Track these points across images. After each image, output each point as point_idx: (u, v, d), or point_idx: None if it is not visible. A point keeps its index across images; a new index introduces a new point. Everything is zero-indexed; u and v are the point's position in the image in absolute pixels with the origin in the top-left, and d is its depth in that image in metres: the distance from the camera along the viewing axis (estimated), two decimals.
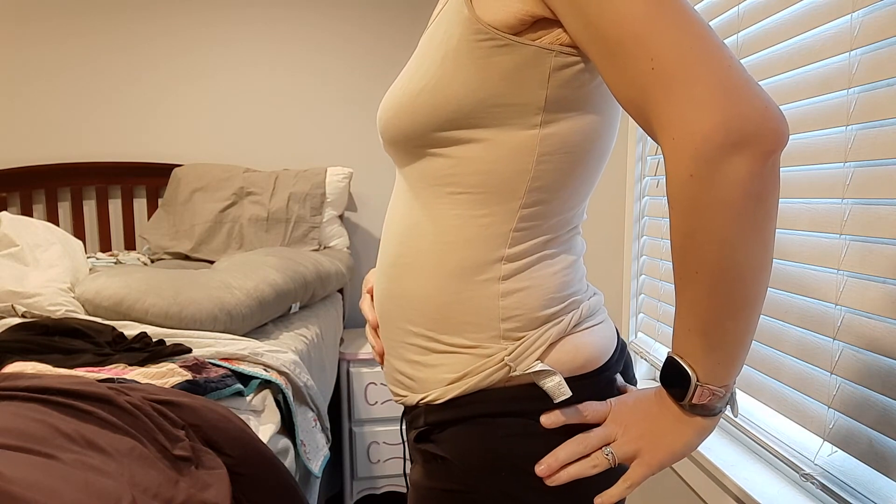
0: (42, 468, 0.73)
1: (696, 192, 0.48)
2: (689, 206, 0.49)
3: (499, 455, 0.61)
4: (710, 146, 0.47)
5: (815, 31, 0.90)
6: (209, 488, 0.90)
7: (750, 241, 0.49)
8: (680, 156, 0.48)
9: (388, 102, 0.65)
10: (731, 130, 0.47)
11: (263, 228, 2.33)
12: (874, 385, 0.80)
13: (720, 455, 1.08)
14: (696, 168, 0.48)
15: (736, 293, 0.51)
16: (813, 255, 0.91)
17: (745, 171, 0.47)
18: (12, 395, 0.91)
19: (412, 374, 0.67)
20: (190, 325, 1.48)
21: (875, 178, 0.80)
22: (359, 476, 2.24)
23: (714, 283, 0.51)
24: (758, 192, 0.48)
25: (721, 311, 0.52)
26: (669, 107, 0.48)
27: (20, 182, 2.36)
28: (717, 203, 0.48)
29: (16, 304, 1.45)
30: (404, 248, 0.67)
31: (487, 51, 0.56)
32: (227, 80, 2.53)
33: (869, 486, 0.83)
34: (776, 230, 0.59)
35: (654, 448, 0.60)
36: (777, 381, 1.00)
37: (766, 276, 0.52)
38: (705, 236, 0.49)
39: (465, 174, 0.61)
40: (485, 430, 0.61)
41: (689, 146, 0.47)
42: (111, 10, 2.44)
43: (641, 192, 1.54)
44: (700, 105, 0.47)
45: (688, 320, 0.54)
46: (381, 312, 0.72)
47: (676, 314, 0.56)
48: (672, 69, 0.48)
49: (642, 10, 0.49)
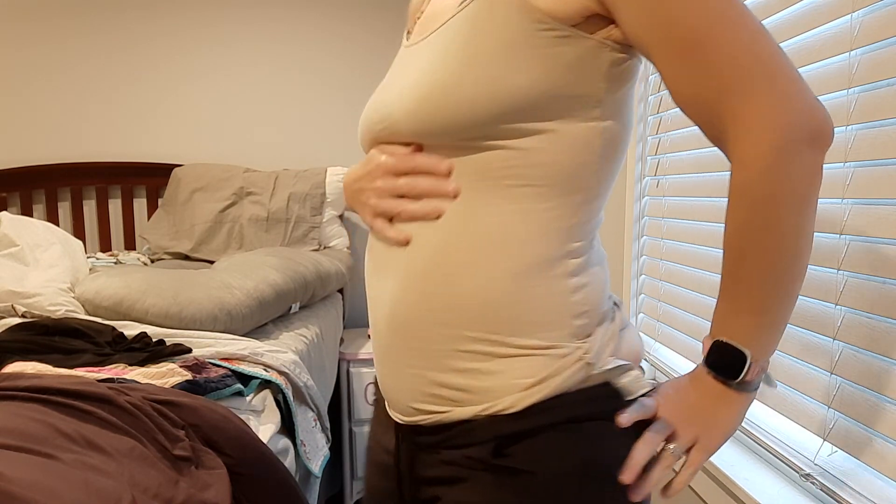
0: (42, 468, 0.73)
1: (774, 183, 0.52)
2: (764, 197, 0.52)
3: (590, 462, 0.58)
4: (790, 139, 0.51)
5: (815, 31, 0.90)
6: (209, 488, 0.90)
7: (809, 227, 0.54)
8: (759, 148, 0.51)
9: (424, 91, 0.60)
10: (806, 126, 0.51)
11: (263, 228, 2.33)
12: (874, 385, 0.80)
13: (720, 455, 1.08)
14: (775, 159, 0.51)
15: (792, 274, 0.55)
16: (813, 255, 0.91)
17: (816, 164, 0.52)
18: (12, 395, 0.91)
19: (466, 385, 0.61)
20: (190, 325, 1.48)
21: (875, 178, 0.80)
22: (359, 476, 2.24)
23: (776, 267, 0.54)
24: (819, 183, 0.54)
25: (779, 292, 0.55)
26: (750, 102, 0.51)
27: (20, 182, 2.36)
28: (792, 193, 0.52)
29: (16, 304, 1.45)
30: (450, 248, 0.61)
31: (550, 41, 0.56)
32: (227, 80, 2.53)
33: (869, 486, 0.83)
34: None
35: (709, 432, 0.61)
36: (777, 380, 1.00)
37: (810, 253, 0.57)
38: (777, 225, 0.53)
39: (527, 166, 0.59)
40: (571, 435, 0.59)
41: (771, 138, 0.51)
42: (111, 10, 2.44)
43: (641, 192, 1.54)
44: (781, 100, 0.51)
45: (741, 303, 0.56)
46: (407, 322, 0.63)
47: (726, 299, 0.58)
48: (751, 66, 0.51)
49: (717, 11, 0.52)
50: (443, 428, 0.63)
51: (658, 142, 1.45)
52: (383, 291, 0.66)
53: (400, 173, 0.64)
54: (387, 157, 0.65)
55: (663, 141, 1.42)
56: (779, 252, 0.54)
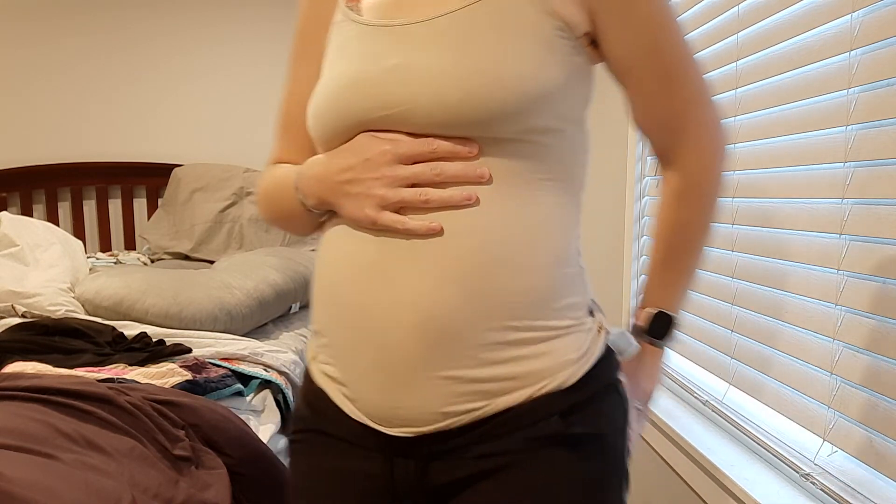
0: (42, 468, 0.73)
1: (718, 186, 0.68)
2: (712, 199, 0.69)
3: (626, 414, 0.68)
4: (725, 152, 0.68)
5: (815, 31, 0.90)
6: (209, 488, 0.90)
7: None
8: (712, 160, 0.67)
9: (464, 81, 0.58)
10: (727, 134, 0.69)
11: (263, 228, 2.33)
12: (874, 385, 0.80)
13: (720, 455, 1.08)
14: (720, 168, 0.68)
15: (704, 253, 0.72)
16: (813, 255, 0.91)
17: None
18: (12, 395, 0.91)
19: (510, 373, 0.60)
20: (190, 325, 1.48)
21: (875, 178, 0.80)
22: None
23: (701, 253, 0.71)
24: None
25: (696, 269, 0.72)
26: (708, 110, 0.66)
27: (20, 182, 2.36)
28: (719, 194, 0.69)
29: (16, 304, 1.45)
30: (491, 245, 0.59)
31: (568, 48, 0.62)
32: (228, 80, 2.53)
33: (869, 486, 0.83)
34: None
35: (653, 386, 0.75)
36: (777, 381, 1.00)
37: None
38: (712, 219, 0.70)
39: (552, 161, 0.63)
40: (617, 394, 0.67)
41: (719, 152, 0.67)
42: (111, 10, 2.44)
43: (641, 192, 1.54)
44: (719, 120, 0.68)
45: (676, 278, 0.71)
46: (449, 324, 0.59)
47: (661, 276, 0.72)
48: (703, 92, 0.66)
49: (683, 42, 0.65)
50: (478, 424, 0.60)
51: None
52: (398, 298, 0.60)
53: (412, 160, 0.60)
54: (393, 144, 0.60)
55: None
56: (705, 241, 0.70)
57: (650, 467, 1.40)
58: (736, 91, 1.10)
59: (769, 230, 1.02)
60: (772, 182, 1.01)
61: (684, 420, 1.23)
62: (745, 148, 1.09)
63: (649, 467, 1.40)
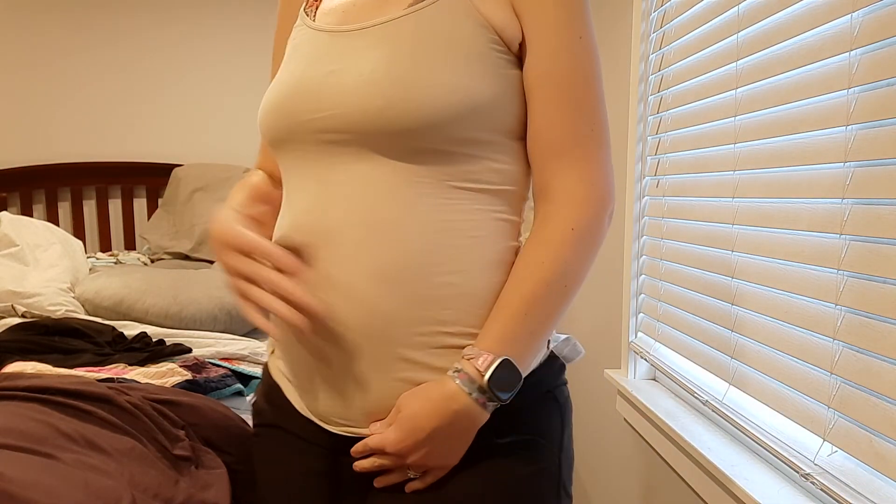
0: (42, 468, 0.73)
1: (595, 227, 0.64)
2: (589, 245, 0.64)
3: (564, 419, 0.68)
4: (609, 202, 0.65)
5: (815, 31, 0.90)
6: (209, 488, 0.90)
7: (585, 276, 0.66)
8: (596, 198, 0.64)
9: (396, 89, 0.59)
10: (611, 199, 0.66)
11: None
12: (874, 385, 0.80)
13: (720, 455, 1.08)
14: (602, 212, 0.64)
15: (566, 312, 0.65)
16: (813, 255, 0.91)
17: (604, 235, 0.66)
18: (12, 395, 0.91)
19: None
20: (190, 324, 1.48)
21: (875, 178, 0.80)
22: None
23: (568, 299, 0.64)
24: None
25: (556, 323, 0.65)
26: (595, 165, 0.64)
27: (20, 182, 2.36)
28: (600, 242, 0.65)
29: (16, 304, 1.45)
30: (423, 249, 0.61)
31: (503, 62, 0.62)
32: (228, 79, 2.53)
33: (869, 486, 0.83)
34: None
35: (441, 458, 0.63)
36: (777, 381, 1.00)
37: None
38: (585, 268, 0.64)
39: (483, 171, 0.63)
40: (555, 402, 0.68)
41: (603, 196, 0.64)
42: (112, 10, 2.44)
43: (641, 191, 1.54)
44: (611, 173, 0.66)
45: (534, 325, 0.62)
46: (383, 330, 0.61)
47: (516, 316, 0.62)
48: (602, 136, 0.64)
49: (598, 83, 0.64)
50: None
51: (658, 142, 1.45)
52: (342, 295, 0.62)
53: (247, 253, 0.60)
54: (232, 232, 0.61)
55: (663, 141, 1.42)
56: (577, 287, 0.64)
57: (650, 467, 1.40)
58: (736, 91, 1.10)
59: (769, 230, 1.02)
60: (772, 182, 1.01)
61: (684, 420, 1.23)
62: (745, 148, 1.08)
63: (649, 467, 1.40)
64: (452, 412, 0.59)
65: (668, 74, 1.38)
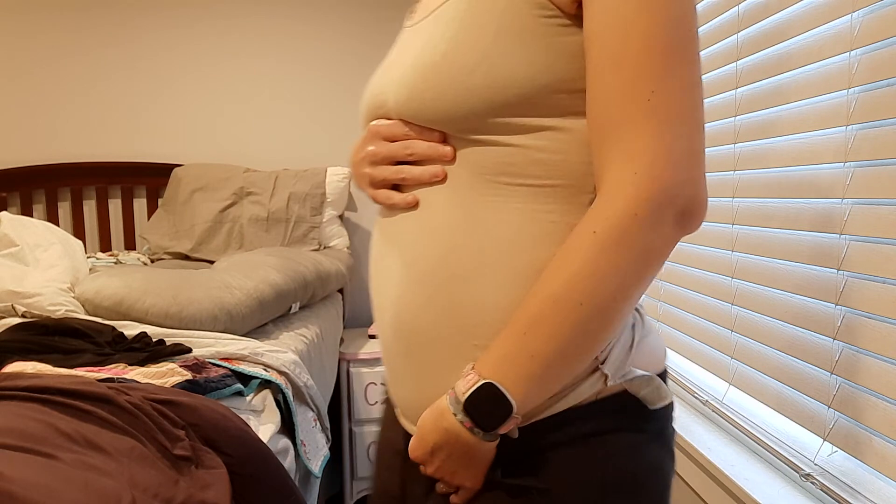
0: (42, 468, 0.73)
1: (629, 230, 0.48)
2: (619, 254, 0.48)
3: (606, 477, 0.54)
4: (665, 197, 0.48)
5: (815, 31, 0.90)
6: (209, 488, 0.90)
7: (636, 299, 0.51)
8: (633, 192, 0.48)
9: (416, 81, 0.56)
10: (686, 197, 0.48)
11: (263, 228, 2.33)
12: (874, 385, 0.80)
13: (720, 455, 1.08)
14: (642, 210, 0.48)
15: (598, 337, 0.51)
16: (813, 255, 0.91)
17: (671, 238, 0.49)
18: (12, 395, 0.91)
19: None
20: (190, 325, 1.47)
21: (875, 178, 0.80)
22: (359, 476, 2.24)
23: (591, 321, 0.50)
24: (663, 259, 0.50)
25: (579, 349, 0.51)
26: (644, 146, 0.48)
27: (20, 182, 2.36)
28: (643, 251, 0.48)
29: (16, 304, 1.45)
30: (448, 251, 0.57)
31: (553, 29, 0.52)
32: (228, 80, 2.53)
33: (869, 486, 0.83)
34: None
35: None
36: (777, 381, 1.00)
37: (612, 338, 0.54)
38: (614, 283, 0.49)
39: (527, 164, 0.54)
40: (588, 450, 0.55)
41: (648, 188, 0.47)
42: (112, 10, 2.43)
43: None
44: (679, 157, 0.48)
45: (536, 346, 0.50)
46: (413, 330, 0.59)
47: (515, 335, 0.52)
48: (664, 108, 0.48)
49: (668, 40, 0.48)
50: None
51: None
52: (385, 292, 0.62)
53: (392, 138, 0.61)
54: (377, 126, 0.63)
55: None
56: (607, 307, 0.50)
57: None
58: (736, 91, 1.10)
59: (769, 230, 1.02)
60: (772, 182, 1.01)
61: (684, 420, 1.23)
62: (745, 148, 1.08)
63: None
64: (443, 430, 0.54)
65: None
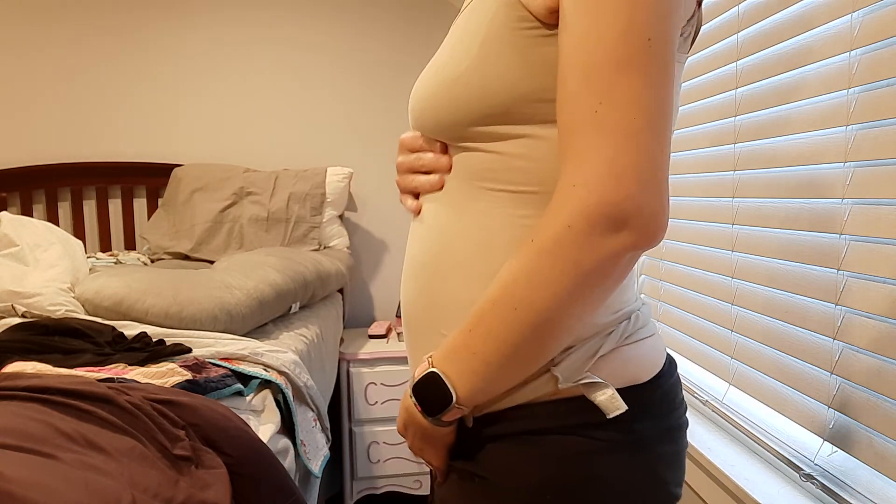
0: (42, 468, 0.73)
1: (563, 242, 0.48)
2: (554, 267, 0.49)
3: (546, 477, 0.56)
4: (599, 211, 0.47)
5: (815, 31, 0.90)
6: (209, 488, 0.90)
7: (576, 312, 0.51)
8: (571, 204, 0.48)
9: (421, 91, 0.61)
10: (625, 212, 0.46)
11: (263, 228, 2.33)
12: (874, 385, 0.80)
13: (720, 455, 1.08)
14: (575, 223, 0.47)
15: (539, 343, 0.52)
16: (813, 254, 0.91)
17: (609, 253, 0.48)
18: (12, 395, 0.91)
19: None
20: (190, 325, 1.47)
21: (875, 178, 0.80)
22: (359, 476, 2.24)
23: (525, 326, 0.51)
24: (605, 274, 0.49)
25: (517, 352, 0.52)
26: (589, 158, 0.47)
27: (20, 182, 2.36)
28: (574, 263, 0.48)
29: (16, 304, 1.45)
30: (438, 249, 0.62)
31: (533, 40, 0.53)
32: (227, 80, 2.53)
33: (869, 486, 0.83)
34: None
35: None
36: (777, 381, 1.00)
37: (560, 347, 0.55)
38: (547, 296, 0.50)
39: (505, 170, 0.57)
40: (530, 448, 0.57)
41: (585, 200, 0.47)
42: (111, 10, 2.43)
43: None
44: (620, 171, 0.46)
45: (476, 344, 0.54)
46: (409, 317, 0.66)
47: (463, 332, 0.55)
48: (613, 117, 0.47)
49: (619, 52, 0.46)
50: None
51: None
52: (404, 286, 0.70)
53: (413, 149, 0.67)
54: (405, 134, 0.68)
55: None
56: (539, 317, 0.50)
57: None
58: (736, 91, 1.10)
59: (769, 230, 1.02)
60: (772, 182, 1.01)
61: None
62: (745, 148, 1.08)
63: None
64: (405, 409, 0.61)
65: None
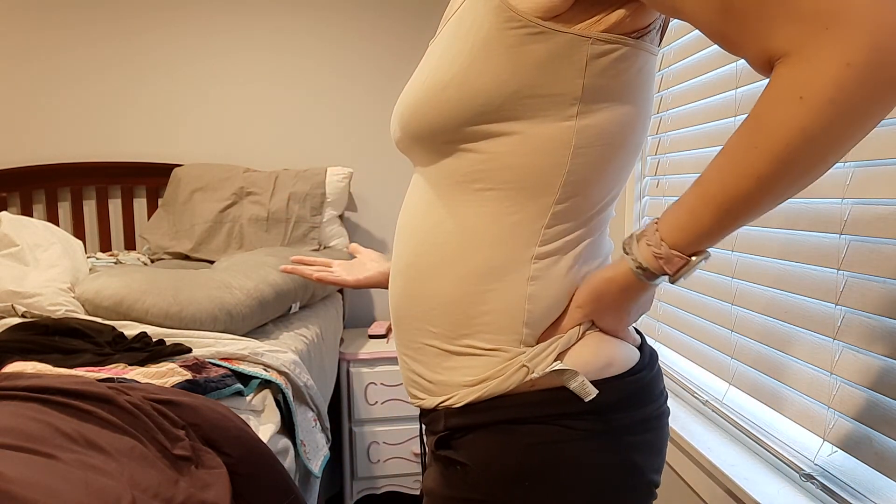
0: (42, 468, 0.73)
1: (856, 85, 0.40)
2: (831, 98, 0.41)
3: (523, 464, 0.58)
4: (883, 42, 0.39)
5: None
6: (209, 488, 0.90)
7: (833, 159, 0.45)
8: (855, 42, 0.39)
9: (409, 97, 0.62)
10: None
11: (263, 228, 2.33)
12: (874, 385, 0.80)
13: (720, 455, 1.08)
14: (853, 59, 0.39)
15: (779, 189, 0.46)
16: (813, 255, 0.91)
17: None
18: (12, 394, 0.91)
19: (431, 377, 0.65)
20: (190, 324, 1.47)
21: (875, 178, 0.80)
22: (359, 476, 2.24)
23: (774, 168, 0.44)
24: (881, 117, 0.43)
25: (754, 194, 0.46)
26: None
27: (20, 182, 2.36)
28: (869, 105, 0.41)
29: (16, 304, 1.45)
30: (425, 248, 0.64)
31: (520, 39, 0.54)
32: (228, 80, 2.53)
33: (869, 486, 0.83)
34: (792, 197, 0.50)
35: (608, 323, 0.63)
36: (777, 381, 1.00)
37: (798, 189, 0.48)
38: (824, 134, 0.42)
39: (495, 170, 0.58)
40: (508, 436, 0.59)
41: (869, 35, 0.39)
42: (111, 10, 2.43)
43: (641, 191, 1.55)
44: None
45: (715, 188, 0.48)
46: (397, 313, 0.69)
47: (692, 195, 0.51)
48: None
49: None
50: (425, 413, 0.69)
51: (658, 142, 1.45)
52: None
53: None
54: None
55: (663, 141, 1.42)
56: (799, 158, 0.43)
57: None
58: (736, 91, 1.10)
59: (769, 230, 1.02)
60: None
61: (684, 420, 1.23)
62: None
63: None
64: (609, 279, 0.62)
65: (669, 74, 1.38)
